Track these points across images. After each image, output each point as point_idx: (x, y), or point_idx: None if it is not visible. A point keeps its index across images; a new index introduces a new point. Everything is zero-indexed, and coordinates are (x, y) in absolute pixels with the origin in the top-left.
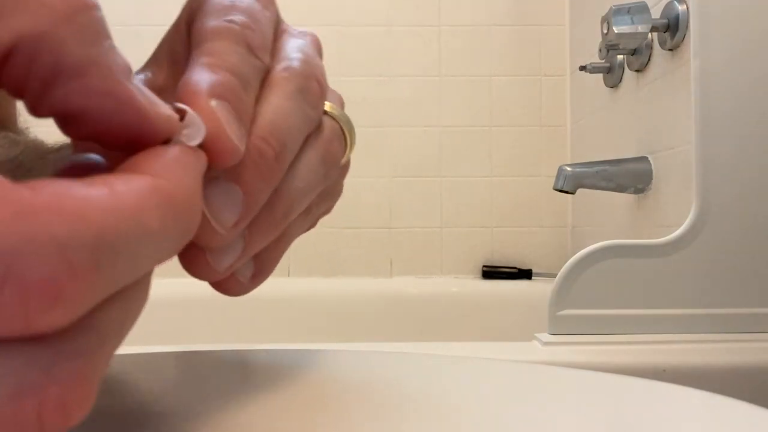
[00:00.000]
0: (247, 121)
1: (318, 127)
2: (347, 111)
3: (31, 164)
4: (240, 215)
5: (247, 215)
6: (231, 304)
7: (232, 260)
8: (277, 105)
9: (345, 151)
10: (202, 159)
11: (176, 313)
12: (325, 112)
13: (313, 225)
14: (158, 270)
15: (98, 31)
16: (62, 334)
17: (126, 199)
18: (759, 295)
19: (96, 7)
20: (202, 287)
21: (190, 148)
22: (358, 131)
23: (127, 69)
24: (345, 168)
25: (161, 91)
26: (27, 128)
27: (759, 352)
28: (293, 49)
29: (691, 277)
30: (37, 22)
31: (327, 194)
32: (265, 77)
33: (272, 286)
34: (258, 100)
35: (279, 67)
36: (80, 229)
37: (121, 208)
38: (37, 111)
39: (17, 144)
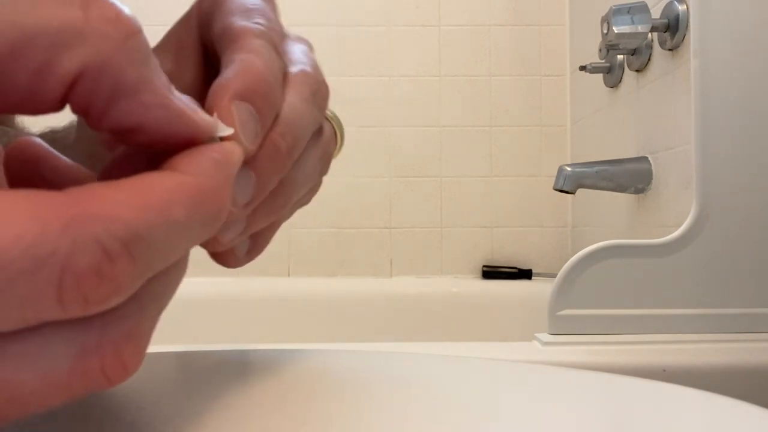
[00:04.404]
0: (272, 117)
1: (320, 128)
2: (348, 111)
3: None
4: (251, 197)
5: (257, 198)
6: (231, 304)
7: (234, 235)
8: (294, 105)
9: (336, 150)
10: (235, 153)
11: (176, 313)
12: None
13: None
14: None
15: (146, 53)
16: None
17: (153, 196)
18: (759, 295)
19: (142, 31)
20: (203, 287)
21: (226, 146)
22: (359, 131)
23: (169, 83)
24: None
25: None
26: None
27: (758, 352)
28: (301, 54)
29: (691, 277)
30: (99, 50)
31: (312, 188)
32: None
33: (272, 286)
34: None
35: (294, 69)
36: (113, 228)
37: (148, 204)
38: (98, 126)
39: (6, 133)
